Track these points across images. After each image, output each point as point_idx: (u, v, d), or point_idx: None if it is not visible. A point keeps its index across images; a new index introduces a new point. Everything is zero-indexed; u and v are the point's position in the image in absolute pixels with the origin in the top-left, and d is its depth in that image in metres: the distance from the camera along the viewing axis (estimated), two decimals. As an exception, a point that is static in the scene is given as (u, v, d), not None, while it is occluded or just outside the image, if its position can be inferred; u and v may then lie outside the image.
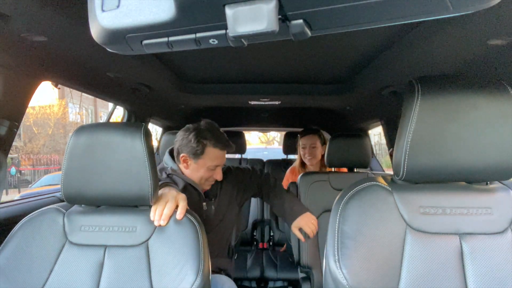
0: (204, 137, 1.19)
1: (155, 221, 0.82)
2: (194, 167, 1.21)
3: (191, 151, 1.19)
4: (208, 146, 1.19)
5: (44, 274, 0.79)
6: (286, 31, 0.40)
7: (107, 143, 0.81)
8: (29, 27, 0.81)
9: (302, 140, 2.02)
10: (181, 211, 0.85)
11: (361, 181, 0.79)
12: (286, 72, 1.53)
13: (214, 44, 0.43)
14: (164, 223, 0.82)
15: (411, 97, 0.70)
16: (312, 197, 1.51)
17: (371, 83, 1.49)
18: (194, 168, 1.22)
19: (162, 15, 0.39)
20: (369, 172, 1.85)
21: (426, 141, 0.69)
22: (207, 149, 1.19)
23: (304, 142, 2.00)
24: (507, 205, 0.74)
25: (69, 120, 14.96)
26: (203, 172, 1.21)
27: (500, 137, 0.68)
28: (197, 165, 1.21)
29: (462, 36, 0.87)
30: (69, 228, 0.84)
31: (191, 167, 1.22)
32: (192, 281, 0.76)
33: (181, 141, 1.21)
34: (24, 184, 11.39)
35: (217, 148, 1.20)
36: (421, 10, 0.38)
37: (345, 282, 0.69)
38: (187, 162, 1.21)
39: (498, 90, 0.68)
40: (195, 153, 1.18)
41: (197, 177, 1.23)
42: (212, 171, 1.23)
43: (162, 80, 1.52)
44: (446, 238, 0.72)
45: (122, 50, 0.47)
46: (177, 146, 1.23)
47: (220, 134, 1.23)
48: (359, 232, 0.73)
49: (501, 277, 0.69)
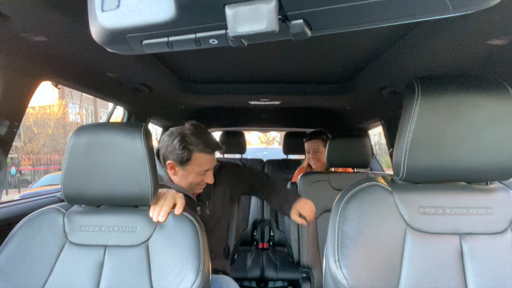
0: (190, 142, 1.11)
1: (153, 217, 0.83)
2: (182, 174, 1.15)
3: (177, 159, 1.12)
4: (194, 151, 1.12)
5: (44, 274, 0.79)
6: (286, 31, 0.40)
7: (107, 143, 0.81)
8: (29, 27, 0.81)
9: (306, 145, 2.07)
10: (179, 206, 0.86)
11: (361, 181, 0.79)
12: (286, 72, 1.53)
13: (214, 44, 0.43)
14: (162, 219, 0.83)
15: (411, 97, 0.70)
16: (312, 197, 1.51)
17: (371, 83, 1.49)
18: (182, 175, 1.15)
19: (162, 15, 0.39)
20: (369, 172, 1.85)
21: (426, 141, 0.69)
22: (194, 155, 1.12)
23: (307, 147, 2.06)
24: (507, 205, 0.74)
25: (69, 120, 14.96)
26: (193, 178, 1.15)
27: (500, 137, 0.68)
28: (185, 172, 1.14)
29: (462, 36, 0.87)
30: (69, 228, 0.84)
31: (179, 174, 1.16)
32: (192, 281, 0.76)
33: (166, 147, 1.14)
34: (24, 184, 11.38)
35: (205, 153, 1.14)
36: (421, 10, 0.38)
37: (345, 282, 0.69)
38: (174, 169, 1.15)
39: (498, 90, 0.68)
40: (182, 160, 1.12)
41: (186, 184, 1.17)
42: (202, 176, 1.17)
43: (162, 80, 1.52)
44: (446, 238, 0.72)
45: (122, 50, 0.47)
46: (162, 152, 1.16)
47: (206, 136, 1.16)
48: (359, 232, 0.72)
49: (501, 277, 0.69)
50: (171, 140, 1.13)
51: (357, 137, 1.57)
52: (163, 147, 1.15)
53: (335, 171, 1.71)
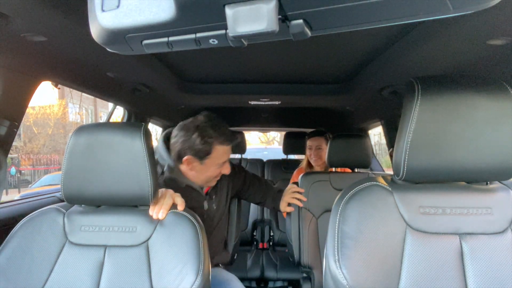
0: (210, 135, 1.09)
1: (153, 214, 0.84)
2: (201, 168, 1.13)
3: (197, 154, 1.09)
4: (215, 144, 1.10)
5: (44, 274, 0.79)
6: (286, 31, 0.40)
7: (107, 143, 0.81)
8: (29, 27, 0.81)
9: (309, 142, 2.08)
10: (180, 203, 0.87)
11: (361, 181, 0.79)
12: (286, 72, 1.53)
13: (214, 44, 0.43)
14: (162, 216, 0.83)
15: (411, 97, 0.70)
16: (313, 197, 1.51)
17: (371, 83, 1.49)
18: (200, 169, 1.14)
19: (162, 15, 0.39)
20: (370, 172, 1.85)
21: (426, 141, 0.69)
22: (214, 148, 1.10)
23: (310, 144, 2.07)
24: (507, 205, 0.74)
25: (69, 120, 14.96)
26: (212, 171, 1.15)
27: (500, 137, 0.68)
28: (204, 166, 1.13)
29: (462, 36, 0.87)
30: (69, 228, 0.84)
31: (197, 169, 1.13)
32: (192, 281, 0.76)
33: (182, 143, 1.10)
34: (24, 184, 11.38)
35: (225, 145, 1.13)
36: (421, 10, 0.38)
37: (345, 282, 0.69)
38: (192, 164, 1.12)
39: (498, 90, 0.68)
40: (201, 155, 1.10)
41: (204, 178, 1.16)
42: (220, 168, 1.17)
43: (162, 80, 1.52)
44: (446, 238, 0.72)
45: (122, 50, 0.47)
46: (177, 148, 1.12)
47: (223, 127, 1.14)
48: (359, 232, 0.72)
49: (501, 277, 0.69)
50: (188, 135, 1.10)
51: (357, 137, 1.57)
52: (179, 143, 1.11)
53: (335, 171, 1.71)
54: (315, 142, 2.05)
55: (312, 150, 2.05)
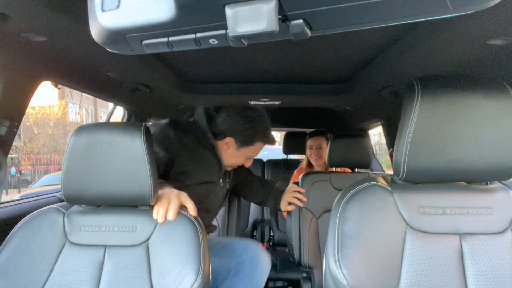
0: (259, 129, 1.18)
1: (159, 217, 0.81)
2: (235, 153, 1.20)
3: (241, 140, 1.17)
4: (257, 139, 1.18)
5: (44, 274, 0.79)
6: (286, 31, 0.40)
7: (107, 143, 0.81)
8: (29, 27, 0.81)
9: (309, 141, 2.09)
10: (192, 208, 0.86)
11: (361, 181, 0.79)
12: (286, 72, 1.53)
13: (214, 44, 0.43)
14: (172, 217, 0.81)
15: (411, 97, 0.70)
16: (313, 197, 1.51)
17: (371, 83, 1.49)
18: (233, 154, 1.21)
19: (162, 15, 0.39)
20: (370, 172, 1.85)
21: (426, 141, 0.69)
22: (257, 141, 1.19)
23: (311, 143, 2.08)
24: (507, 205, 0.74)
25: (69, 120, 14.95)
26: (242, 159, 1.23)
27: (500, 137, 0.68)
28: (238, 152, 1.20)
29: (462, 36, 0.87)
30: (69, 228, 0.84)
31: (230, 151, 1.20)
32: (192, 281, 0.76)
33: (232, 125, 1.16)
34: (24, 184, 11.38)
35: (264, 143, 1.22)
36: (421, 10, 0.38)
37: (345, 282, 0.69)
38: (229, 146, 1.19)
39: (498, 90, 0.68)
40: (242, 144, 1.17)
41: (230, 161, 1.23)
42: (246, 160, 1.25)
43: (162, 80, 1.52)
44: (446, 238, 0.72)
45: (122, 50, 0.47)
46: (224, 126, 1.18)
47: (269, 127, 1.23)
48: (359, 232, 0.73)
49: (501, 277, 0.69)
50: (241, 121, 1.16)
51: (358, 138, 1.57)
52: (229, 123, 1.17)
53: (336, 171, 1.71)
54: (316, 141, 2.05)
55: (312, 150, 2.05)
